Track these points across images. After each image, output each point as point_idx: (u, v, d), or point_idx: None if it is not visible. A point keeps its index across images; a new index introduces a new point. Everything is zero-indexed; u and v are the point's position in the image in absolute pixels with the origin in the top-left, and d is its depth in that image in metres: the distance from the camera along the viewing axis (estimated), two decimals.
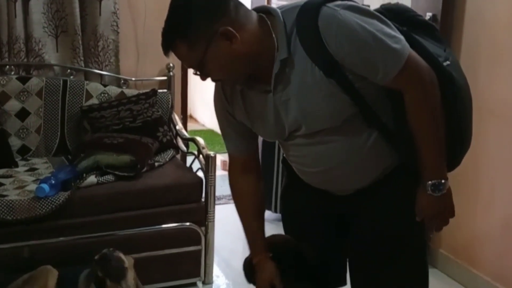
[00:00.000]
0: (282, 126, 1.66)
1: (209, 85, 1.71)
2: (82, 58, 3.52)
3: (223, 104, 1.77)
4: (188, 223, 3.06)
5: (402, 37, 1.53)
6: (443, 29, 3.07)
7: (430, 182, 1.62)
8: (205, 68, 1.57)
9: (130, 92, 3.57)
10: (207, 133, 6.15)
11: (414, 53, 1.54)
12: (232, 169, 1.91)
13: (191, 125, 6.00)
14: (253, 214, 1.90)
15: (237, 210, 1.93)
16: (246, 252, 1.94)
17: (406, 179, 1.70)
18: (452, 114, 1.63)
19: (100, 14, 3.50)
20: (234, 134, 1.82)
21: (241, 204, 1.92)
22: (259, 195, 1.91)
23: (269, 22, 1.56)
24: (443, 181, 1.62)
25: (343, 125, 1.60)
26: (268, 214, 3.79)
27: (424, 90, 1.55)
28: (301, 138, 1.67)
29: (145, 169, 3.09)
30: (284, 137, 1.70)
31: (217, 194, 3.23)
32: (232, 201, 1.97)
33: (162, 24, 1.59)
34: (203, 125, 6.53)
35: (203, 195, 3.13)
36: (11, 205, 2.69)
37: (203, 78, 1.60)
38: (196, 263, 3.14)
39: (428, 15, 3.07)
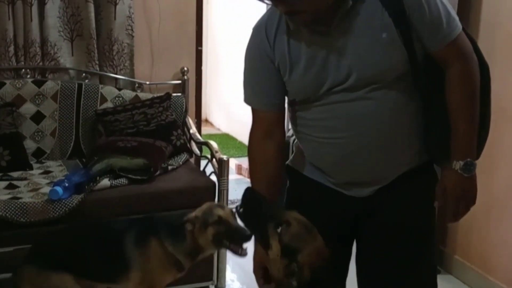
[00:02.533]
0: (323, 78, 1.61)
1: (225, 89, 1.69)
2: (97, 62, 3.55)
3: (264, 47, 1.68)
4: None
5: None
6: None
7: (462, 161, 1.62)
8: None
9: (144, 95, 3.58)
10: (222, 137, 6.16)
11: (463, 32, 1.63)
12: (255, 130, 1.79)
13: (206, 129, 6.03)
14: (267, 184, 1.76)
15: (250, 175, 1.82)
16: None
17: (428, 179, 1.71)
18: (484, 100, 1.67)
19: (115, 18, 3.52)
20: (266, 83, 1.71)
21: (255, 171, 1.80)
22: (278, 164, 1.79)
23: None
24: (474, 161, 1.62)
25: (392, 83, 1.60)
26: None
27: (471, 65, 1.62)
28: (340, 94, 1.61)
29: (158, 172, 3.10)
30: (318, 93, 1.63)
31: (231, 198, 3.23)
32: None
33: (177, 28, 1.59)
34: (219, 129, 6.54)
35: (216, 198, 3.13)
36: (25, 207, 2.71)
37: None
38: (209, 267, 3.14)
39: None
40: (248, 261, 3.40)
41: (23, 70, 3.41)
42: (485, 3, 3.01)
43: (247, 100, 1.79)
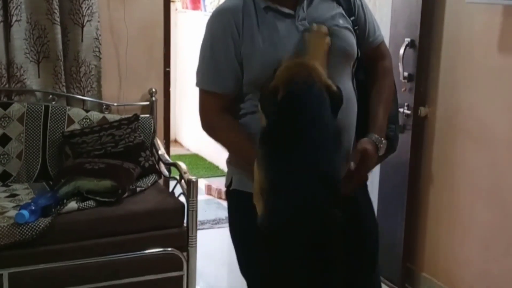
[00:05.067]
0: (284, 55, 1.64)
1: (194, 109, 1.69)
2: (64, 84, 3.53)
3: (232, 32, 1.74)
4: (170, 249, 3.05)
5: None
6: (421, 53, 3.12)
7: (376, 135, 1.79)
8: None
9: (112, 117, 3.57)
10: (192, 158, 6.15)
11: None
12: (208, 108, 1.84)
13: (175, 150, 6.02)
14: (243, 135, 1.78)
15: (224, 140, 1.86)
16: (231, 278, 1.93)
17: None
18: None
19: (82, 40, 3.52)
20: (227, 68, 1.76)
21: (227, 129, 1.82)
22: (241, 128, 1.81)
23: None
24: (384, 140, 1.79)
25: (347, 70, 1.81)
26: None
27: (391, 64, 1.97)
28: None
29: (126, 194, 3.09)
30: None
31: (200, 218, 3.23)
32: (216, 226, 1.94)
33: (144, 50, 1.61)
34: (188, 150, 6.53)
35: (186, 220, 3.12)
36: None
37: None
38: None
39: (407, 41, 3.12)
40: (218, 283, 3.42)
41: None
42: (447, 20, 3.09)
43: (205, 83, 1.81)
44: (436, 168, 3.18)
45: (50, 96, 3.52)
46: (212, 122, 1.85)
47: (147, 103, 3.78)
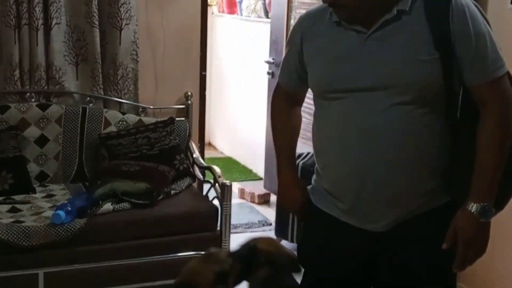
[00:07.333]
0: (346, 76, 1.62)
1: (228, 113, 1.74)
2: (102, 86, 3.56)
3: (297, 38, 1.77)
4: (203, 252, 3.04)
5: None
6: None
7: (480, 204, 1.56)
8: None
9: (148, 120, 3.59)
10: (226, 161, 6.15)
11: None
12: (276, 95, 1.93)
13: (209, 153, 6.03)
14: (289, 136, 1.91)
15: (272, 128, 1.94)
16: None
17: (450, 221, 1.61)
18: None
19: (120, 43, 3.55)
20: (289, 67, 1.83)
21: (279, 124, 1.92)
22: (298, 123, 1.93)
23: None
24: (492, 207, 1.57)
25: (419, 102, 1.56)
26: (284, 244, 3.78)
27: (508, 110, 1.57)
28: (358, 98, 1.59)
29: (161, 197, 3.10)
30: (336, 89, 1.64)
31: (234, 222, 3.23)
32: (248, 230, 1.95)
33: (181, 54, 1.62)
34: (222, 153, 6.53)
35: (219, 223, 3.12)
36: (27, 231, 2.71)
37: None
38: None
39: None
40: None
41: (28, 94, 3.42)
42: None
43: (279, 74, 1.92)
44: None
45: (88, 98, 3.56)
46: (273, 105, 1.95)
47: (183, 106, 3.80)
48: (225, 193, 3.10)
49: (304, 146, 3.03)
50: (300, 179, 1.92)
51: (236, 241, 3.19)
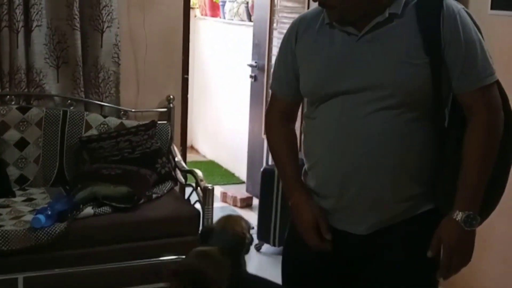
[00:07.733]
0: (337, 79, 1.60)
1: (211, 116, 1.72)
2: (83, 89, 3.54)
3: (291, 41, 1.73)
4: (184, 256, 3.03)
5: None
6: None
7: (465, 212, 1.55)
8: None
9: (129, 123, 3.58)
10: (208, 164, 6.14)
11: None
12: (271, 110, 1.85)
13: (192, 156, 6.01)
14: (290, 158, 1.79)
15: (272, 153, 1.86)
16: None
17: (433, 228, 1.60)
18: (505, 160, 1.62)
19: (101, 46, 3.53)
20: (284, 74, 1.77)
21: (279, 147, 1.82)
22: (295, 141, 1.84)
23: None
24: (477, 216, 1.56)
25: (408, 106, 1.56)
26: (266, 247, 3.78)
27: (496, 118, 1.57)
28: (348, 102, 1.58)
29: (142, 200, 3.09)
30: (328, 92, 1.62)
31: None
32: None
33: (163, 57, 1.60)
34: (204, 156, 6.52)
35: (200, 227, 3.11)
36: (6, 235, 2.68)
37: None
38: None
39: None
40: None
41: (8, 96, 3.39)
42: None
43: (271, 84, 1.85)
44: None
45: (69, 101, 3.53)
46: (269, 125, 1.87)
47: (165, 109, 3.79)
48: (207, 197, 3.10)
49: None
50: (313, 201, 1.73)
51: None
